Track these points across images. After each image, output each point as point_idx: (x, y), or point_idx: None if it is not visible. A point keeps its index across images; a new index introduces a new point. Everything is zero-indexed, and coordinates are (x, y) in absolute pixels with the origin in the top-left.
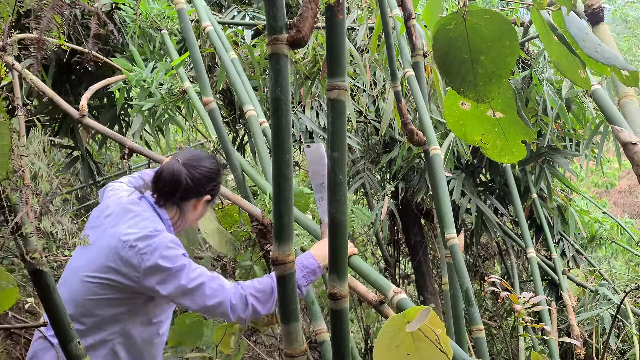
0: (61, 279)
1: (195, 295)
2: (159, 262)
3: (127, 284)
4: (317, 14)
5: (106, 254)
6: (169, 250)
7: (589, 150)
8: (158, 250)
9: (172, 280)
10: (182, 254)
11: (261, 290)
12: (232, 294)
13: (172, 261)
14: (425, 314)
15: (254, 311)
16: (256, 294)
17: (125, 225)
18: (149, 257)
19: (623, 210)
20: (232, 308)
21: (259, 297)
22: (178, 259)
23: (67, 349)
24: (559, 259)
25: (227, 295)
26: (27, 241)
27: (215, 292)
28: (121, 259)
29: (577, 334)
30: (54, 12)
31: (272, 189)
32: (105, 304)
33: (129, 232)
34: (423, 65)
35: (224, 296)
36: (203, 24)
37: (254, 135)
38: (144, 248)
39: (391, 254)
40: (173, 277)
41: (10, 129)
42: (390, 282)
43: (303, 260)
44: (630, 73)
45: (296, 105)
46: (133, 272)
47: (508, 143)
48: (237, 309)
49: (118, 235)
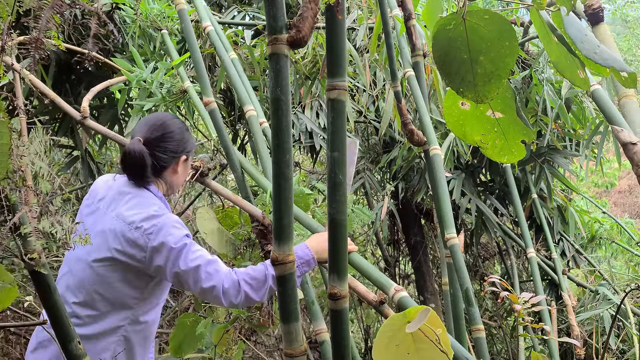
0: (64, 269)
1: (192, 276)
2: (165, 241)
3: (134, 265)
4: (317, 14)
5: (112, 237)
6: (174, 230)
7: (589, 150)
8: (164, 230)
9: (175, 259)
10: (186, 234)
11: (255, 278)
12: (225, 279)
13: (176, 241)
14: (425, 314)
15: (246, 297)
16: (249, 281)
17: (127, 207)
18: (154, 237)
19: (623, 210)
20: (225, 293)
21: (252, 284)
22: (182, 239)
23: (67, 349)
24: (559, 259)
25: (220, 279)
26: (26, 241)
27: (210, 276)
28: (127, 241)
29: (577, 334)
30: (53, 12)
31: (272, 189)
32: (115, 288)
33: (133, 214)
34: (423, 65)
35: (218, 280)
36: (203, 24)
37: (254, 135)
38: (149, 228)
39: (391, 254)
40: (175, 256)
41: (10, 128)
42: (391, 280)
43: (298, 251)
44: (629, 74)
45: (296, 105)
46: (140, 253)
47: (507, 143)
48: (230, 294)
49: (122, 217)
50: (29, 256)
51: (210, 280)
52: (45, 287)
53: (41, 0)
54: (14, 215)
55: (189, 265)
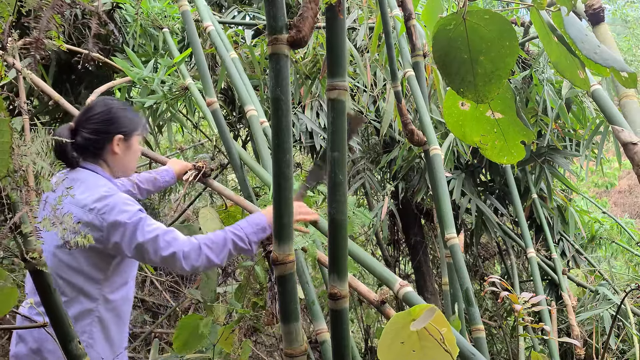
0: None
1: (151, 246)
2: (118, 218)
3: (94, 247)
4: (317, 14)
5: None
6: (126, 206)
7: (589, 151)
8: (116, 207)
9: (131, 235)
10: (139, 209)
11: (214, 242)
12: (184, 244)
13: (130, 216)
14: (430, 313)
15: (207, 259)
16: (210, 244)
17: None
18: (108, 216)
19: (623, 210)
20: (185, 256)
21: (212, 247)
22: (135, 214)
23: (67, 349)
24: (559, 259)
25: (180, 245)
26: (27, 241)
27: (169, 244)
28: (84, 225)
29: (577, 334)
30: (53, 12)
31: (273, 189)
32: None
33: (84, 197)
34: (423, 65)
35: (177, 247)
36: (204, 24)
37: (254, 135)
38: (102, 208)
39: (391, 254)
40: (131, 231)
41: (11, 127)
42: (396, 276)
43: (254, 218)
44: (629, 74)
45: (296, 105)
46: (97, 234)
47: (507, 144)
48: (191, 257)
49: (74, 202)
50: (30, 256)
51: (170, 247)
52: (45, 287)
53: (42, 0)
54: (15, 215)
55: (146, 237)
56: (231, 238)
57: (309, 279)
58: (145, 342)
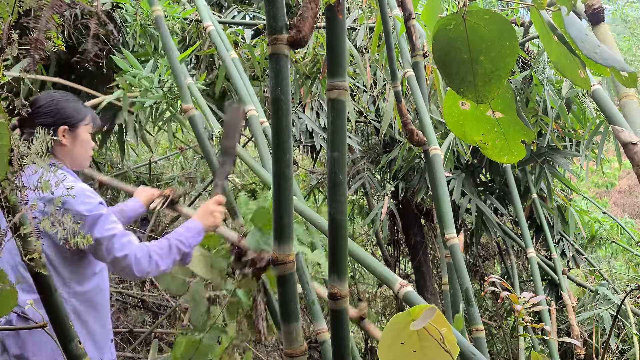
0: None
1: (105, 245)
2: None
3: (56, 243)
4: (317, 14)
5: None
6: (85, 198)
7: (589, 151)
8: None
9: (90, 227)
10: (100, 202)
11: (162, 247)
12: (137, 250)
13: (90, 209)
14: (430, 313)
15: (156, 265)
16: (159, 251)
17: None
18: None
19: (623, 210)
20: (137, 262)
21: (160, 253)
22: (96, 207)
23: (67, 349)
24: (559, 259)
25: (133, 250)
26: (26, 242)
27: (124, 246)
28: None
29: (577, 334)
30: (53, 12)
31: (272, 189)
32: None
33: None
34: (423, 65)
35: (130, 250)
36: (204, 24)
37: (254, 135)
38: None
39: (391, 254)
40: (90, 224)
41: (9, 130)
42: (396, 275)
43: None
44: (630, 74)
45: (296, 105)
46: None
47: (507, 143)
48: (142, 263)
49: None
50: (29, 256)
51: (123, 250)
52: (45, 287)
53: (41, 0)
54: (14, 216)
55: (103, 234)
56: (175, 244)
57: (309, 278)
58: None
